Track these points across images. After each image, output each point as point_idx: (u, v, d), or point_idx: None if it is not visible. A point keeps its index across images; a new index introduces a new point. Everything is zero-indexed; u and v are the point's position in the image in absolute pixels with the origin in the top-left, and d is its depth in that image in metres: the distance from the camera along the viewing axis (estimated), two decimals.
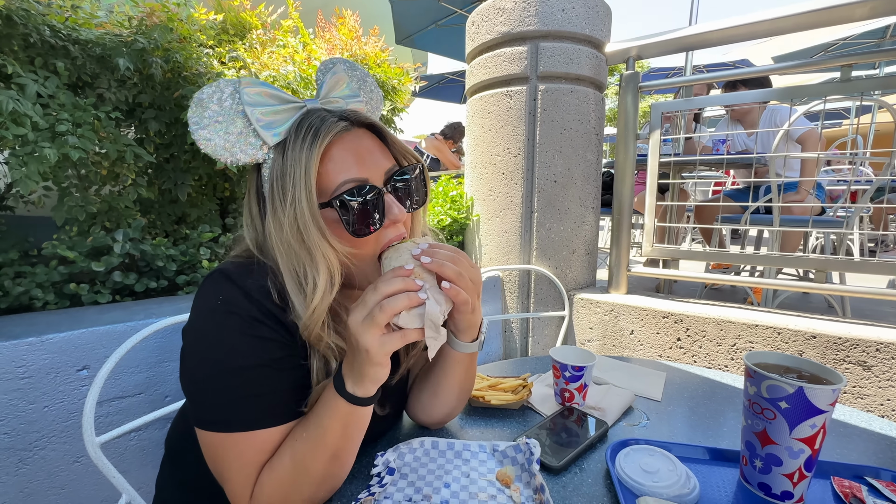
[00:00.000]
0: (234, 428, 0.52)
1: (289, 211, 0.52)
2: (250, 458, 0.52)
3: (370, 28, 1.98)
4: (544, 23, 1.72)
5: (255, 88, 0.56)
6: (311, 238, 0.52)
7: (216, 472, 0.54)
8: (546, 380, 0.92)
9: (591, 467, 0.64)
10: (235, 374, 0.51)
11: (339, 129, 0.55)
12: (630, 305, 1.69)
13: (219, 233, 1.49)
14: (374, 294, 0.48)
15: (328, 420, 0.51)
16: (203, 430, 0.53)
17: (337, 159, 0.55)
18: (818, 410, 0.53)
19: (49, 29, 1.20)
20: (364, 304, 0.48)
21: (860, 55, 1.34)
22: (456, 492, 0.57)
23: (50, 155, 1.09)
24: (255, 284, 0.54)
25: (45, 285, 1.15)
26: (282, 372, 0.54)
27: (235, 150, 0.56)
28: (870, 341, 1.26)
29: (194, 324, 0.54)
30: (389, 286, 0.48)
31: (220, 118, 0.55)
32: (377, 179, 0.57)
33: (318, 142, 0.53)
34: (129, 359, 1.01)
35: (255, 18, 1.75)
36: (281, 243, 0.54)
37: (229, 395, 0.52)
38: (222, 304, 0.52)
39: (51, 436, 0.94)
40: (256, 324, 0.52)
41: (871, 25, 5.20)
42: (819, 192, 2.33)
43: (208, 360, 0.52)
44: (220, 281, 0.54)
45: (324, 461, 0.52)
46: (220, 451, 0.53)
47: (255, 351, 0.52)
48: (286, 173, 0.53)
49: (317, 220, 0.53)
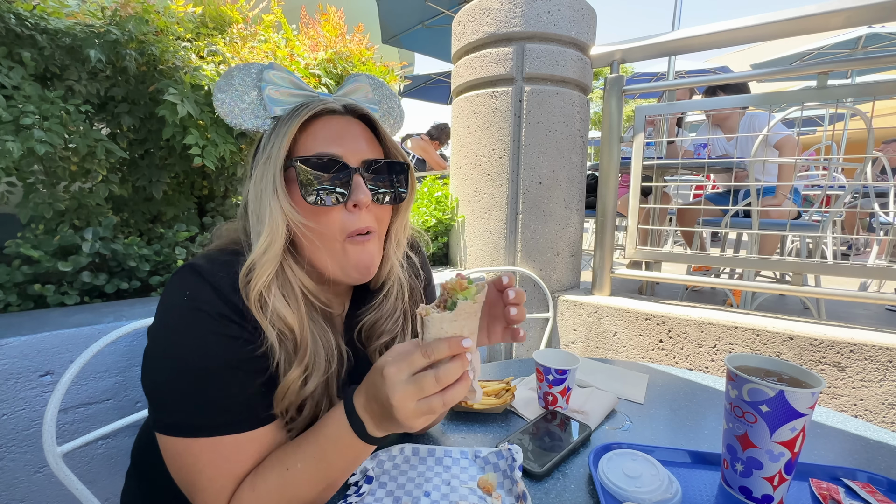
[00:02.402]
0: (201, 433, 0.49)
1: (259, 168, 0.56)
2: (221, 467, 0.50)
3: (355, 26, 1.95)
4: (530, 24, 1.72)
5: (279, 73, 0.60)
6: (266, 194, 0.54)
7: (183, 482, 0.51)
8: (529, 383, 0.91)
9: (574, 472, 0.63)
10: (201, 374, 0.49)
11: (327, 108, 0.59)
12: (613, 307, 1.70)
13: (196, 232, 1.44)
14: (433, 381, 0.44)
15: (334, 455, 0.50)
16: (166, 435, 0.50)
17: (318, 134, 0.58)
18: (798, 414, 0.53)
19: (15, 17, 1.14)
20: (419, 386, 0.44)
21: (836, 63, 1.38)
22: (436, 500, 0.56)
23: (13, 149, 1.03)
24: (224, 279, 0.52)
25: (6, 286, 1.09)
26: (253, 373, 0.52)
27: (243, 116, 0.60)
28: (844, 342, 1.29)
29: (159, 321, 0.52)
30: (450, 374, 0.44)
31: (239, 87, 0.60)
32: (352, 161, 0.58)
33: (303, 112, 0.57)
34: (96, 363, 0.97)
35: (236, 12, 1.71)
36: (252, 199, 0.56)
37: (195, 397, 0.49)
38: (188, 301, 0.50)
39: (10, 445, 0.89)
40: (224, 321, 0.50)
41: (844, 36, 5.39)
42: (795, 197, 2.39)
43: (172, 358, 0.50)
44: (187, 276, 0.52)
45: (318, 490, 0.51)
46: (187, 460, 0.50)
47: (222, 350, 0.50)
48: (272, 137, 0.57)
49: (277, 179, 0.54)
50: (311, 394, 0.57)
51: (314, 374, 0.56)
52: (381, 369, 0.45)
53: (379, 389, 0.45)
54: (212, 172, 1.60)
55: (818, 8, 1.38)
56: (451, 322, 0.45)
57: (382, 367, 0.45)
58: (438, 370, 0.44)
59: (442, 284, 0.48)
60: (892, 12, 1.30)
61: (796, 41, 7.10)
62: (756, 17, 1.52)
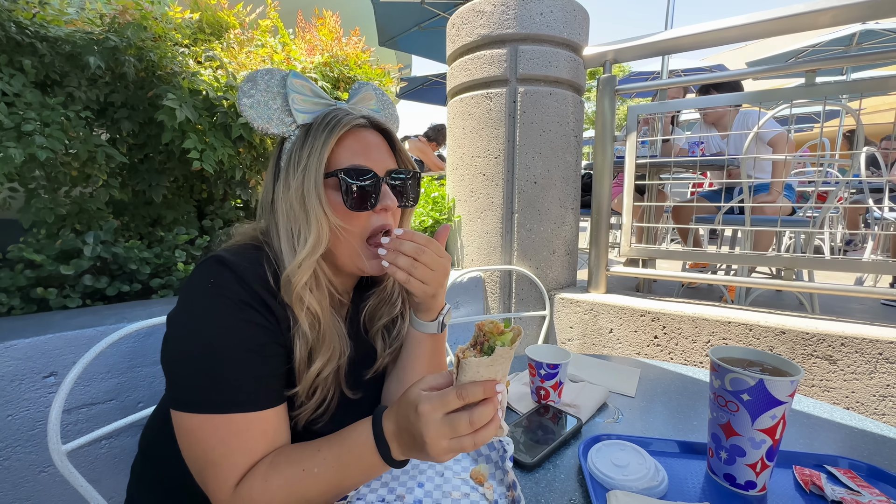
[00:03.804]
0: (215, 409, 0.51)
1: (298, 176, 0.60)
2: (231, 444, 0.52)
3: (351, 29, 1.97)
4: (523, 26, 1.75)
5: (301, 81, 0.65)
6: (310, 201, 0.59)
7: (193, 460, 0.53)
8: (523, 378, 0.93)
9: (565, 463, 0.65)
10: (221, 354, 0.52)
11: (357, 123, 0.65)
12: (609, 304, 1.72)
13: (195, 235, 1.46)
14: (466, 423, 0.45)
15: (354, 470, 0.51)
16: (183, 411, 0.52)
17: (350, 146, 0.64)
18: (778, 402, 0.55)
19: (15, 25, 1.16)
20: (453, 427, 0.45)
21: (823, 61, 1.40)
22: (430, 491, 0.58)
23: (15, 155, 1.05)
24: (248, 269, 0.56)
25: (10, 290, 1.11)
26: (267, 358, 0.55)
27: (270, 121, 0.64)
28: (835, 336, 1.31)
29: (183, 306, 0.55)
30: (483, 417, 0.46)
31: (266, 94, 0.64)
32: (379, 171, 0.64)
33: (340, 127, 0.62)
34: (99, 364, 0.99)
35: (233, 17, 1.73)
36: (284, 203, 0.61)
37: (211, 375, 0.52)
38: (213, 287, 0.54)
39: (15, 445, 0.91)
40: (246, 307, 0.54)
41: (838, 33, 5.41)
42: (789, 193, 2.41)
43: (194, 339, 0.53)
44: (212, 265, 0.55)
45: (328, 495, 0.53)
46: (199, 435, 0.52)
47: (242, 334, 0.53)
48: (305, 147, 0.61)
49: (318, 188, 0.60)
50: (325, 379, 0.61)
51: (331, 361, 0.61)
52: (415, 405, 0.47)
53: (413, 424, 0.47)
54: (210, 176, 1.62)
55: (806, 7, 1.40)
56: (487, 367, 0.47)
57: (417, 403, 0.47)
58: (473, 413, 0.46)
59: (478, 325, 0.50)
60: (876, 10, 1.32)
61: (791, 39, 7.12)
62: (746, 16, 1.54)
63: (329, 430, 0.56)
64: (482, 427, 0.46)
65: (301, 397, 0.60)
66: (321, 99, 0.67)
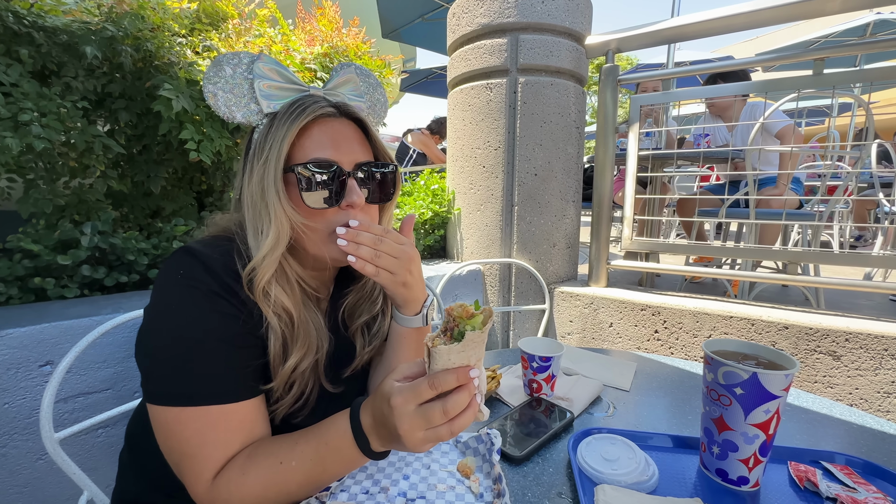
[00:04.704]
0: (190, 402, 0.51)
1: (259, 169, 0.57)
2: (207, 436, 0.51)
3: (352, 20, 1.95)
4: (524, 15, 1.72)
5: (269, 65, 0.62)
6: (270, 196, 0.56)
7: (171, 453, 0.53)
8: (516, 371, 0.92)
9: (554, 457, 0.64)
10: (193, 345, 0.52)
11: (323, 112, 0.61)
12: (609, 298, 1.70)
13: (193, 226, 1.46)
14: (440, 413, 0.44)
15: (332, 463, 0.51)
16: (158, 405, 0.52)
17: (315, 138, 0.60)
18: (772, 396, 0.54)
19: (12, 15, 1.16)
20: (427, 417, 0.44)
21: (831, 49, 1.36)
22: (415, 483, 0.57)
23: (12, 145, 1.05)
24: (218, 261, 0.55)
25: (8, 279, 1.12)
26: (239, 349, 0.55)
27: (234, 109, 0.61)
28: (839, 331, 1.28)
29: (154, 297, 0.55)
30: (457, 405, 0.44)
31: (231, 80, 0.61)
32: (346, 164, 0.61)
33: (302, 117, 0.58)
34: (94, 354, 0.99)
35: (231, 7, 1.71)
36: (249, 197, 0.58)
37: (185, 367, 0.51)
38: (183, 279, 0.53)
39: (12, 433, 0.92)
40: (216, 298, 0.53)
41: (853, 23, 5.27)
42: (797, 187, 2.36)
43: (166, 331, 0.52)
44: (181, 257, 0.55)
45: (306, 488, 0.52)
46: (175, 428, 0.51)
47: (213, 324, 0.53)
48: (268, 137, 0.58)
49: (278, 182, 0.57)
50: (302, 373, 0.60)
51: (307, 355, 0.60)
52: (388, 398, 0.46)
53: (387, 418, 0.46)
54: (209, 167, 1.62)
55: None
56: (459, 353, 0.45)
57: (389, 396, 0.46)
58: (446, 402, 0.44)
59: (447, 310, 0.48)
60: None
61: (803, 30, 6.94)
62: (752, 2, 1.50)
63: (309, 423, 0.55)
64: (458, 415, 0.45)
65: (278, 391, 0.58)
66: (293, 84, 0.63)
